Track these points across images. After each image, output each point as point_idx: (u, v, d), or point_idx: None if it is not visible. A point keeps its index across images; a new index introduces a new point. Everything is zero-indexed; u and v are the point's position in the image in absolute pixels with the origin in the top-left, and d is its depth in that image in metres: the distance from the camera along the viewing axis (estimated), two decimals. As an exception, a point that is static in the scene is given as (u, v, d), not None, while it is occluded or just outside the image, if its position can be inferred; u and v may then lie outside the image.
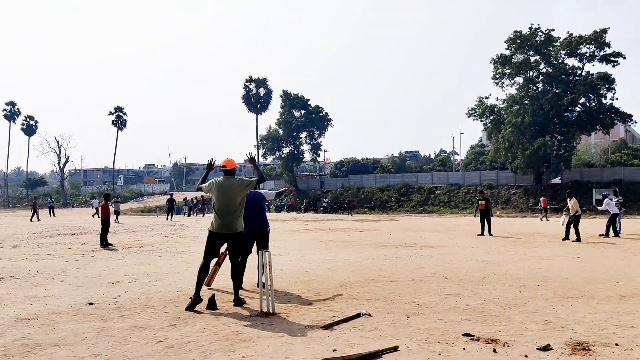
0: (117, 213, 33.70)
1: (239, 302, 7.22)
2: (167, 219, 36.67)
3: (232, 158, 7.63)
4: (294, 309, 6.89)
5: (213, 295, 7.16)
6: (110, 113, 76.58)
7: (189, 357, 4.91)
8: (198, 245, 16.61)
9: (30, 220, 35.68)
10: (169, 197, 43.53)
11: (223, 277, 9.37)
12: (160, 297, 7.92)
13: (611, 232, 18.74)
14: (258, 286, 7.53)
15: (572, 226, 17.39)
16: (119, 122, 76.79)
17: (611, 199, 20.10)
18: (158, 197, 75.86)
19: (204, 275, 7.21)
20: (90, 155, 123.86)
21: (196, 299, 6.96)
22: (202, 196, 53.26)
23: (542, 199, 37.55)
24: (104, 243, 16.43)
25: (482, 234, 20.17)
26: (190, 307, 6.86)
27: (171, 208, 38.27)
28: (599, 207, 19.95)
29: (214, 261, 7.76)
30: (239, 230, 7.25)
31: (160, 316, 6.60)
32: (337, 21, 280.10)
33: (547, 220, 32.83)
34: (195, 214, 47.44)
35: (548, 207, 36.43)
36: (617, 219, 19.09)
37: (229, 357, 4.88)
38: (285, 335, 5.63)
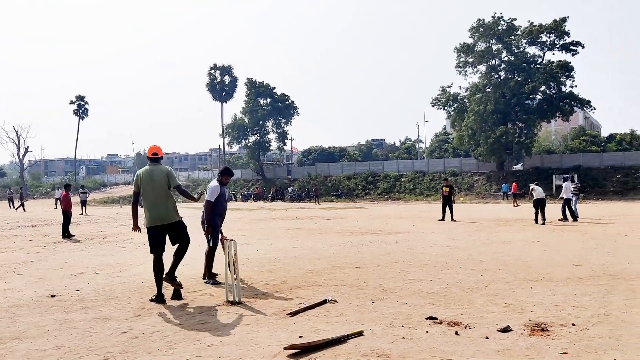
0: (84, 203, 33.08)
1: (172, 278, 6.87)
2: None
3: (159, 145, 7.23)
4: (260, 297, 6.91)
5: (178, 285, 7.11)
6: (72, 102, 74.77)
7: (153, 348, 4.89)
8: (163, 235, 16.46)
9: (16, 210, 36.27)
10: None
11: (188, 267, 9.35)
12: (124, 288, 7.84)
13: (570, 216, 19.32)
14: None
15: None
16: (81, 111, 75.05)
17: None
18: (122, 187, 74.57)
19: (161, 272, 6.86)
20: (51, 146, 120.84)
21: (160, 297, 6.73)
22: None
23: (513, 184, 38.35)
24: (66, 234, 16.11)
25: (443, 219, 20.59)
26: (160, 303, 6.66)
27: None
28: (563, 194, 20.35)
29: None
30: (176, 219, 6.96)
31: (125, 307, 6.54)
32: (303, 10, 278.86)
33: (517, 205, 33.49)
34: None
35: (518, 192, 37.13)
36: (572, 204, 19.69)
37: (195, 347, 4.88)
38: (251, 323, 5.66)
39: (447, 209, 20.99)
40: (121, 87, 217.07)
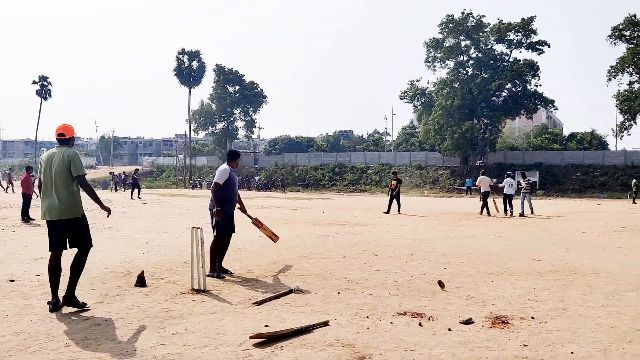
0: None
1: (71, 300, 5.70)
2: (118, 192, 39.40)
3: (71, 125, 6.09)
4: (226, 286, 6.88)
5: (142, 272, 7.03)
6: (34, 82, 72.53)
7: (116, 335, 4.83)
8: (126, 221, 16.20)
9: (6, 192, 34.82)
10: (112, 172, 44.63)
11: (152, 254, 9.24)
12: (86, 274, 7.63)
13: (500, 209, 20.50)
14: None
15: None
16: (43, 92, 72.89)
17: (518, 181, 21.48)
18: (84, 171, 72.97)
19: (56, 273, 5.84)
20: (11, 126, 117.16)
21: (55, 302, 5.69)
22: (136, 169, 51.73)
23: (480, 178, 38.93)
24: (26, 218, 15.70)
25: (388, 212, 20.71)
26: (54, 310, 5.62)
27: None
28: (499, 185, 21.31)
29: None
30: (74, 216, 5.80)
31: (87, 293, 6.43)
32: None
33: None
34: (123, 189, 46.03)
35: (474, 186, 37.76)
36: (525, 200, 20.30)
37: (159, 335, 4.84)
38: (217, 312, 5.64)
39: (395, 202, 21.20)
40: (86, 69, 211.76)
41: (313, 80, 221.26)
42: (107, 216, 6.29)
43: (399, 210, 20.83)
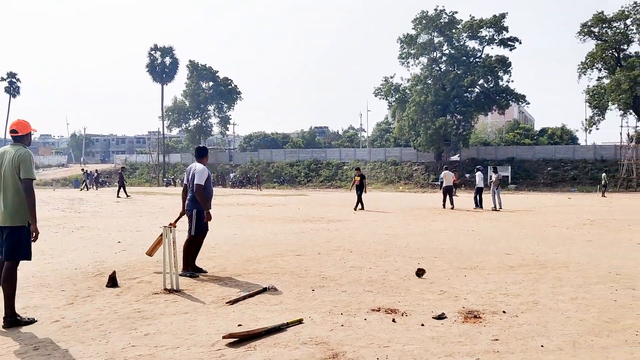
0: None
1: (14, 321, 5.06)
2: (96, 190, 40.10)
3: (27, 121, 5.48)
4: (199, 285, 6.82)
5: (114, 272, 6.93)
6: (2, 79, 70.88)
7: (87, 337, 4.75)
8: (98, 220, 15.96)
9: None
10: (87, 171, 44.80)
11: (124, 254, 9.12)
12: (56, 274, 7.55)
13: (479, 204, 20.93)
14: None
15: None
16: (12, 89, 71.28)
17: (490, 175, 21.95)
18: (55, 169, 71.79)
19: (9, 282, 5.09)
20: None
21: (10, 315, 5.09)
22: (96, 170, 51.13)
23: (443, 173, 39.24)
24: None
25: (356, 209, 20.75)
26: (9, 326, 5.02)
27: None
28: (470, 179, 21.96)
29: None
30: (22, 223, 5.19)
31: (57, 295, 6.31)
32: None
33: (456, 195, 34.36)
34: (95, 188, 45.37)
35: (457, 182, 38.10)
36: (495, 195, 20.73)
37: (130, 336, 4.77)
38: (190, 311, 5.58)
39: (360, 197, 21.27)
40: (56, 65, 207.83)
41: (288, 76, 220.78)
42: (33, 240, 5.29)
43: (362, 206, 20.89)
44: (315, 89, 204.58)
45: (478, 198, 20.98)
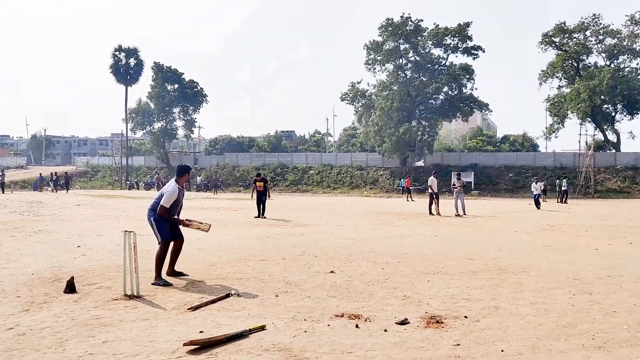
0: (2, 185, 31.28)
1: None
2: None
3: None
4: (160, 291, 6.70)
5: (72, 278, 6.75)
6: (-44, 77, 68.63)
7: (42, 345, 4.61)
8: (57, 223, 15.54)
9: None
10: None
11: (84, 259, 8.90)
12: (12, 280, 7.31)
13: (434, 210, 21.09)
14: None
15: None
16: (-34, 88, 69.06)
17: (454, 182, 22.30)
18: (13, 171, 69.60)
19: None
20: None
21: None
22: (66, 172, 49.93)
23: (406, 179, 39.67)
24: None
25: (259, 216, 19.06)
26: None
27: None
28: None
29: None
30: None
31: (12, 301, 6.11)
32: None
33: (412, 200, 34.77)
34: (54, 190, 44.20)
35: (412, 187, 38.56)
36: (456, 200, 21.34)
37: (88, 344, 4.64)
38: (150, 318, 5.47)
39: (262, 204, 19.34)
40: (15, 64, 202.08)
41: (255, 80, 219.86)
42: None
43: (263, 213, 19.13)
44: (282, 93, 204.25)
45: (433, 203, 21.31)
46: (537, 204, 26.95)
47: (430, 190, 21.40)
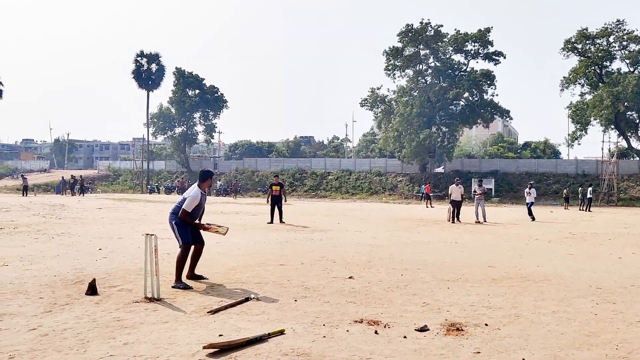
0: (26, 189, 31.94)
1: None
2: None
3: None
4: (181, 294, 6.74)
5: (93, 280, 6.83)
6: (-16, 82, 69.97)
7: (64, 346, 4.66)
8: (80, 226, 15.76)
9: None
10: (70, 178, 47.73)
11: (105, 261, 8.99)
12: (34, 281, 7.43)
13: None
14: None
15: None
16: (-6, 93, 70.36)
17: (475, 189, 22.12)
18: (37, 174, 70.78)
19: None
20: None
21: None
22: (80, 176, 50.57)
23: (425, 186, 39.45)
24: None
25: (272, 222, 18.38)
26: None
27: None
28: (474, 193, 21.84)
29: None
30: None
31: (35, 302, 6.20)
32: (234, 1, 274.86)
33: (431, 207, 34.56)
34: (71, 194, 44.80)
35: (431, 194, 38.35)
36: (477, 207, 21.09)
37: (109, 345, 4.69)
38: (170, 321, 5.51)
39: (277, 210, 18.68)
40: (40, 70, 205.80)
41: (275, 86, 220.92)
42: None
43: (280, 219, 18.52)
44: (302, 98, 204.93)
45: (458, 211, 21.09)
46: (531, 214, 22.94)
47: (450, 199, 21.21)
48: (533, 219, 22.32)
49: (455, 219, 20.67)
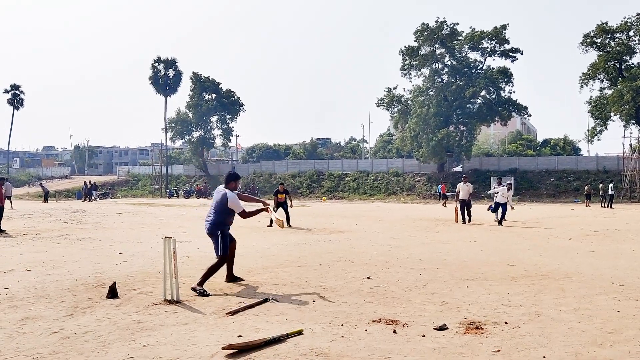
0: (47, 195, 32.47)
1: None
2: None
3: None
4: (199, 297, 6.79)
5: (114, 284, 6.91)
6: (6, 91, 71.18)
7: (86, 348, 4.72)
8: (100, 231, 15.94)
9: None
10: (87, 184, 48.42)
11: (125, 265, 9.09)
12: (56, 286, 7.53)
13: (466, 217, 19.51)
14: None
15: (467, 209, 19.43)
16: (15, 101, 71.58)
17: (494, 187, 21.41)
18: (58, 181, 71.84)
19: None
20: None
21: None
22: (92, 182, 51.18)
23: (441, 185, 39.22)
24: (-4, 230, 15.34)
25: (271, 225, 17.58)
26: None
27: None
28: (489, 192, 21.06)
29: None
30: None
31: (56, 306, 6.29)
32: (247, 4, 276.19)
33: (447, 206, 34.29)
34: (89, 200, 45.32)
35: (448, 193, 38.08)
36: (497, 207, 19.73)
37: (130, 347, 4.74)
38: (190, 322, 5.55)
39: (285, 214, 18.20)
40: (59, 77, 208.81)
41: (291, 88, 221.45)
42: None
43: (288, 222, 17.85)
44: (318, 100, 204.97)
45: (466, 211, 19.55)
46: (494, 211, 19.87)
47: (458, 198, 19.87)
48: (499, 222, 18.87)
49: (467, 219, 19.38)
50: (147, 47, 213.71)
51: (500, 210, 19.25)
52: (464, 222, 19.33)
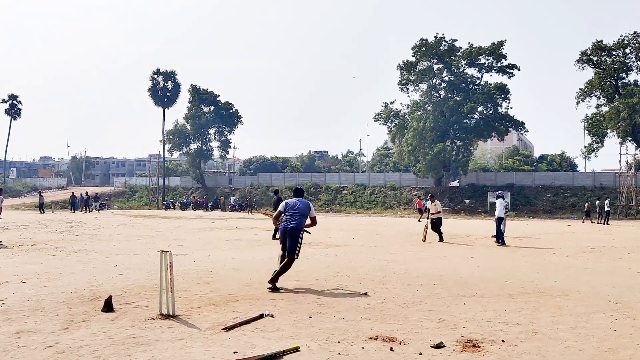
0: (42, 206, 32.65)
1: None
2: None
3: None
4: (195, 311, 6.76)
5: (110, 297, 6.87)
6: (4, 101, 71.19)
7: (81, 363, 4.69)
8: (96, 243, 15.88)
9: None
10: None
11: (121, 278, 9.04)
12: (52, 298, 7.49)
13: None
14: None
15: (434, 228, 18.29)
16: (13, 111, 71.56)
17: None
18: (54, 191, 71.62)
19: None
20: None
21: None
22: (96, 193, 51.06)
23: (418, 201, 39.13)
24: (-9, 241, 15.26)
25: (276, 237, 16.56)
26: None
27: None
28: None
29: None
30: None
31: (52, 319, 6.25)
32: (246, 17, 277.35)
33: (421, 221, 33.36)
34: (85, 211, 45.17)
35: (423, 208, 37.54)
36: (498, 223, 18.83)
37: (125, 362, 4.71)
38: (185, 338, 5.52)
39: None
40: (57, 88, 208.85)
41: (289, 101, 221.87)
42: None
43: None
44: (316, 113, 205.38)
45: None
46: (432, 228, 18.45)
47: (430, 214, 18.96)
48: (497, 240, 17.28)
49: (438, 238, 18.12)
50: (146, 59, 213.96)
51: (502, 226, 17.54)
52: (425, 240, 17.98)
